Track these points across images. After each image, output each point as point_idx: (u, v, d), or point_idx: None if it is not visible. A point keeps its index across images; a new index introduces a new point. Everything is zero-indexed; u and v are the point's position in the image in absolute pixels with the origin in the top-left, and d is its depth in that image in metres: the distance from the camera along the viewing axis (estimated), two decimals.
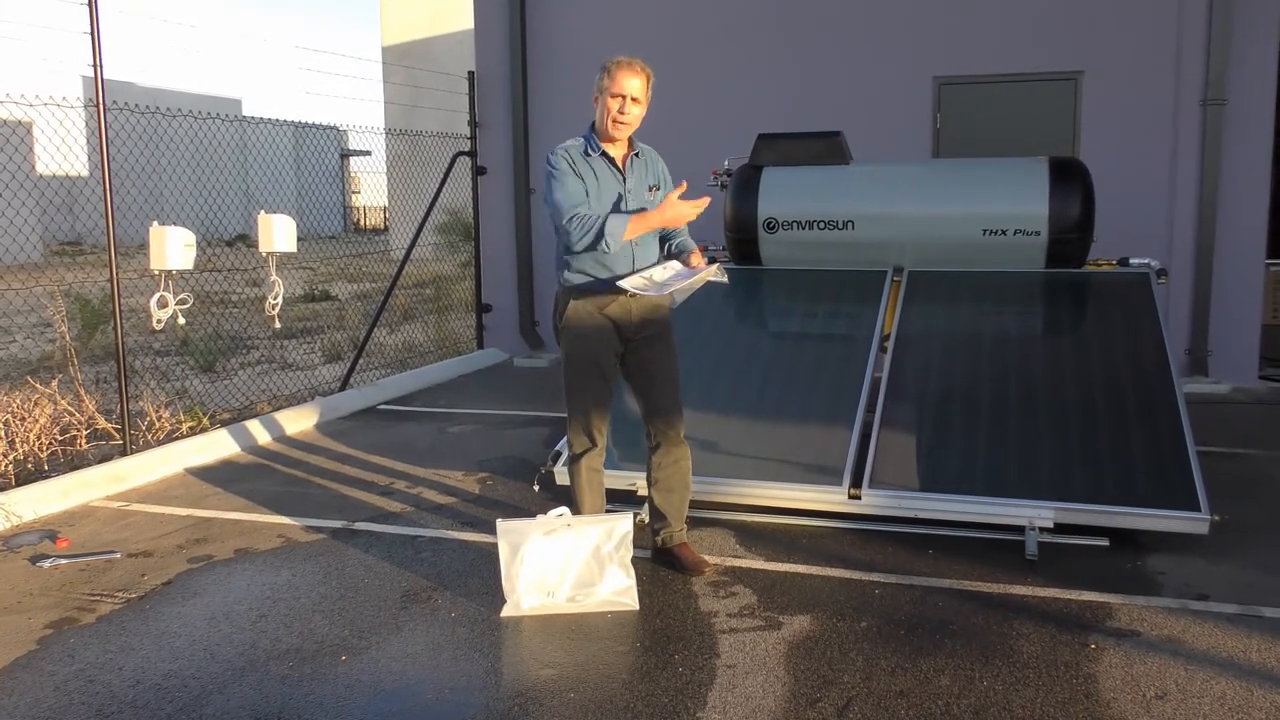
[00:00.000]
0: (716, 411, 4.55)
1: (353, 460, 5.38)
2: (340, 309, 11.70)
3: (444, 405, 6.79)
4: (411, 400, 6.96)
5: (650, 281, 3.35)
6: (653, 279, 3.37)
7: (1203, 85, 6.82)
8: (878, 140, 7.31)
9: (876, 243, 5.33)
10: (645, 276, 3.37)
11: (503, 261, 8.64)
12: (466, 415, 6.45)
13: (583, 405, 3.52)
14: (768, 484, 4.09)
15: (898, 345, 4.80)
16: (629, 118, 3.34)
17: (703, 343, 5.04)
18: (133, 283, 11.87)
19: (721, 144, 7.37)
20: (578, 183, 3.35)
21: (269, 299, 5.57)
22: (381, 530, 4.21)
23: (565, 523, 3.35)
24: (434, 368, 7.91)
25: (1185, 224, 6.97)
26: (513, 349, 8.64)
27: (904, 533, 4.04)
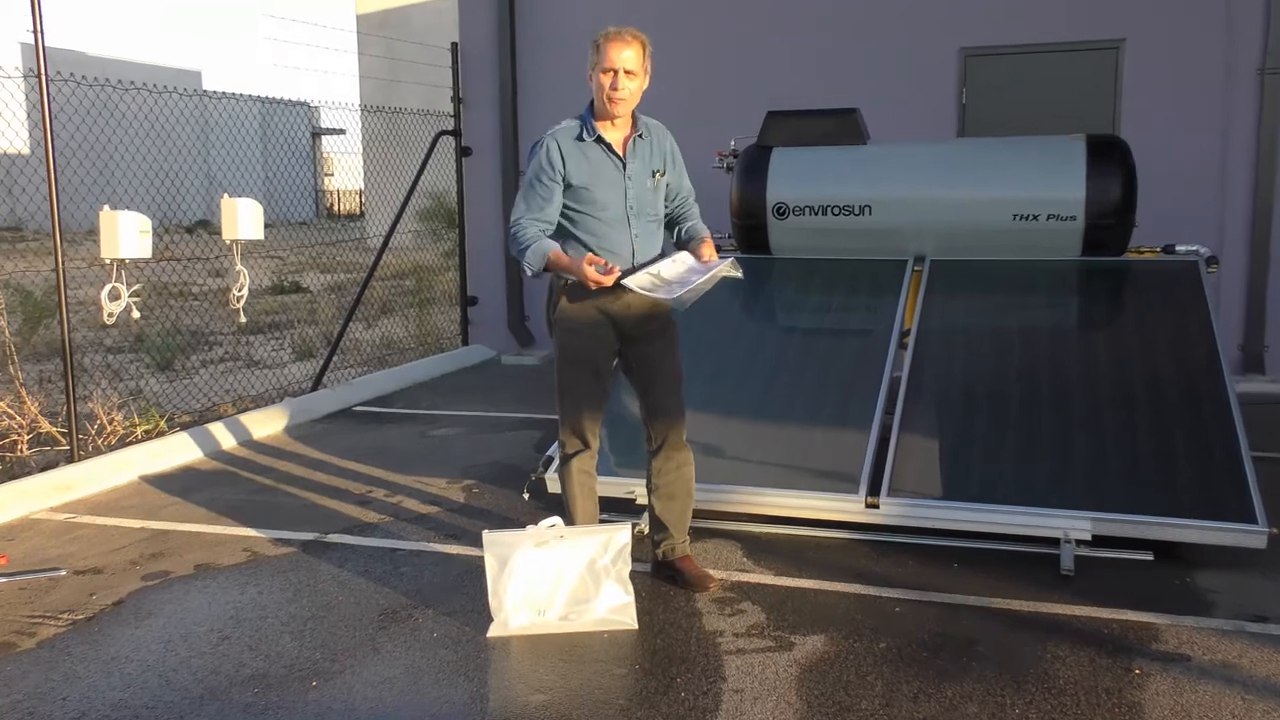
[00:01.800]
0: (722, 413, 4.55)
1: (325, 466, 5.39)
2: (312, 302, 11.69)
3: (426, 407, 6.80)
4: (390, 401, 6.98)
5: (659, 280, 3.34)
6: (661, 276, 3.36)
7: (1260, 52, 6.81)
8: (898, 118, 7.31)
9: (896, 229, 5.34)
10: (652, 274, 3.37)
11: (490, 251, 8.65)
12: (450, 418, 6.46)
13: (575, 404, 3.52)
14: (777, 492, 4.10)
15: (919, 341, 4.80)
16: (624, 93, 3.34)
17: (707, 338, 5.04)
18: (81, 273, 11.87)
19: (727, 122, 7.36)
20: (545, 189, 3.37)
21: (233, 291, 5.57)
22: (357, 543, 4.22)
23: (557, 534, 3.35)
24: (415, 366, 7.92)
25: (1239, 207, 6.96)
26: (501, 346, 8.66)
27: (926, 545, 4.05)
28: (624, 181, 3.43)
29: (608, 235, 3.43)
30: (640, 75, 3.38)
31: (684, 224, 3.63)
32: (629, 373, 3.64)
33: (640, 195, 3.46)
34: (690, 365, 4.68)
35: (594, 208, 3.41)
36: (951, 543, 4.05)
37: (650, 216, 3.50)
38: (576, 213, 3.43)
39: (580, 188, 3.40)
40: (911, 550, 4.01)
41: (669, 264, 3.41)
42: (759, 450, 4.32)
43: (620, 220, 3.43)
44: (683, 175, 3.63)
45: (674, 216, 3.66)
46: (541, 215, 3.41)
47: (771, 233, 5.54)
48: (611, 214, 3.42)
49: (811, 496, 4.06)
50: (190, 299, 11.37)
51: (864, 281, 5.27)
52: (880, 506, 3.97)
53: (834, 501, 4.03)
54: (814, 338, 4.93)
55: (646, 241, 3.49)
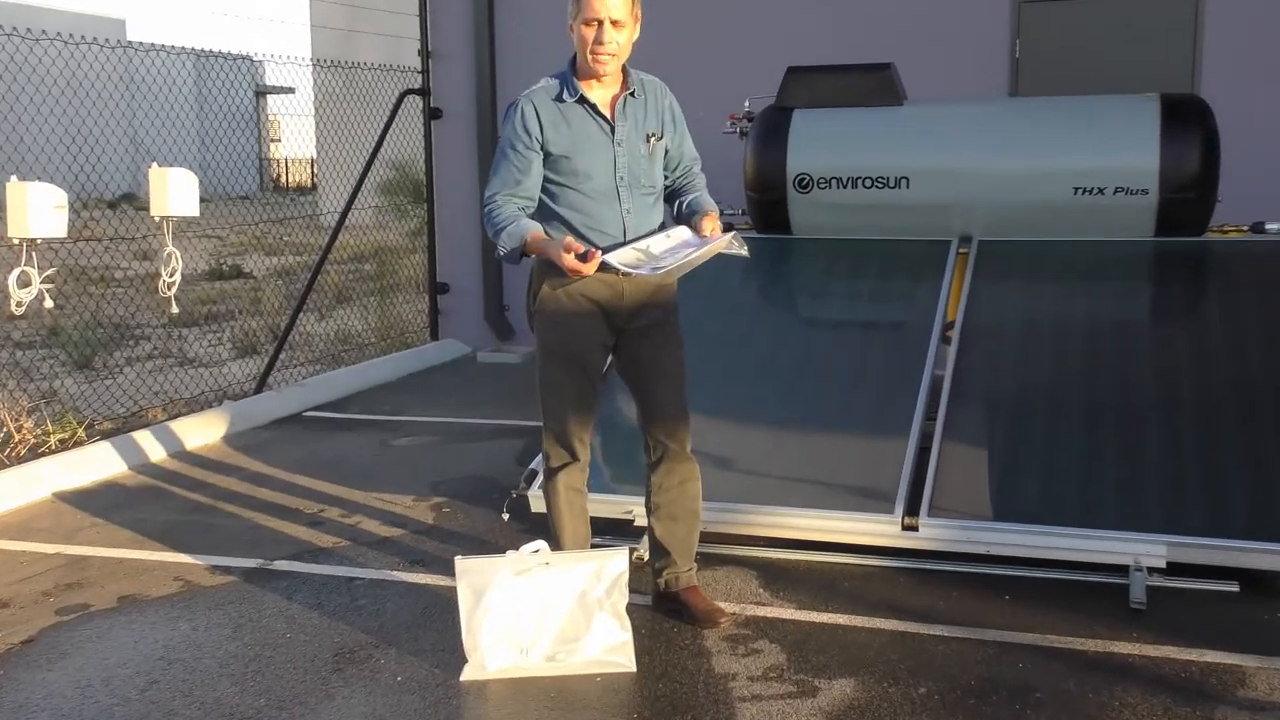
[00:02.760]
0: (734, 418, 4.54)
1: (271, 482, 5.39)
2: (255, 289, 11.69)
3: (388, 411, 6.79)
4: (347, 405, 6.98)
5: (646, 255, 3.34)
6: (649, 252, 3.36)
7: None
8: (940, 75, 7.30)
9: (938, 205, 5.34)
10: (640, 249, 3.37)
11: (463, 230, 8.65)
12: (417, 424, 6.45)
13: (561, 408, 3.52)
14: (799, 511, 4.09)
15: (964, 335, 4.80)
16: (611, 47, 3.33)
17: (716, 331, 5.04)
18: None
19: (741, 80, 7.36)
20: (521, 159, 3.37)
21: (164, 276, 5.57)
22: (308, 571, 4.21)
23: (542, 561, 3.35)
24: (376, 364, 7.92)
25: None
26: (476, 340, 8.66)
27: (973, 574, 4.04)
28: (612, 148, 3.42)
29: (595, 212, 3.42)
30: (629, 24, 3.37)
31: (686, 197, 3.62)
32: (624, 371, 3.63)
33: (633, 164, 3.45)
34: (696, 362, 4.67)
35: (577, 180, 3.40)
36: (1003, 570, 4.05)
37: (645, 189, 3.49)
38: (558, 186, 3.42)
39: (561, 157, 3.39)
40: (956, 579, 4.00)
41: (661, 239, 3.41)
42: (777, 463, 4.31)
43: (609, 194, 3.42)
44: (684, 139, 3.62)
45: (675, 188, 3.65)
46: (519, 190, 3.41)
47: (792, 209, 5.54)
48: (599, 186, 3.41)
49: (839, 516, 4.06)
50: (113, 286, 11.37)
51: (900, 266, 5.27)
52: (919, 528, 3.97)
53: (865, 522, 4.03)
54: (842, 331, 4.93)
55: (641, 218, 3.48)
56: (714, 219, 3.49)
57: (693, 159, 3.67)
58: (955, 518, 3.97)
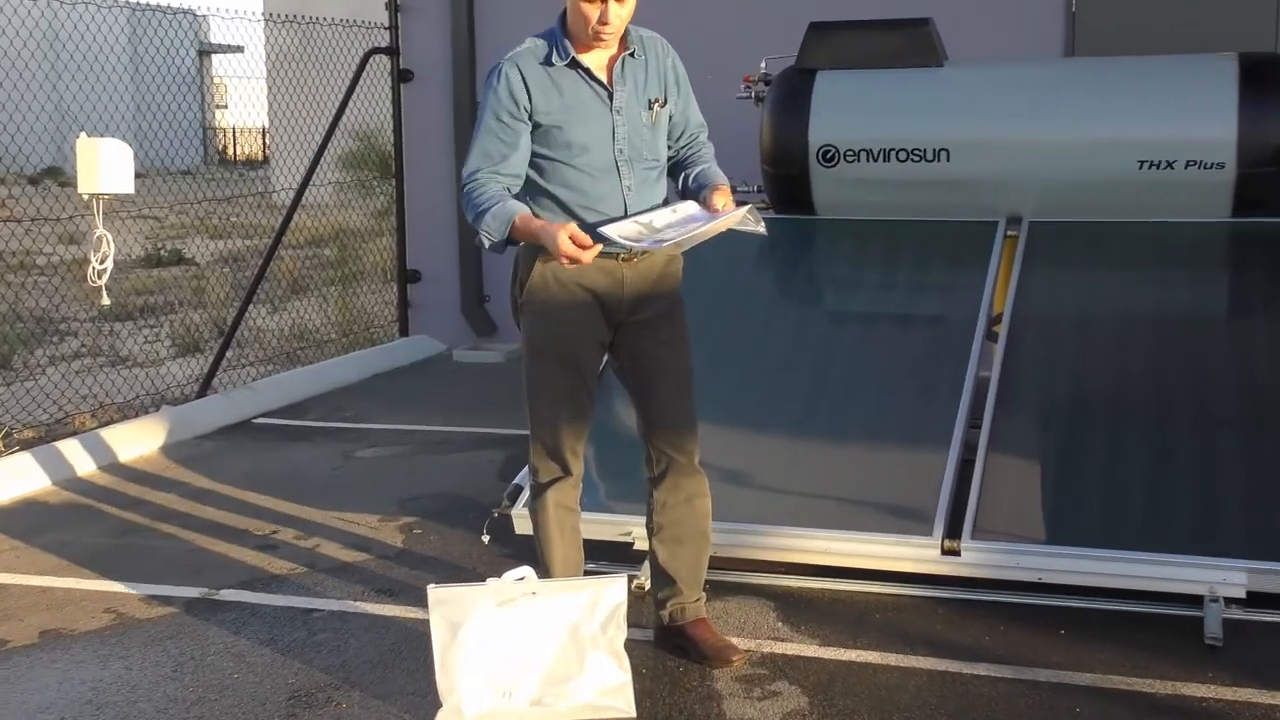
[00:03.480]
0: (748, 426, 4.53)
1: (217, 499, 5.39)
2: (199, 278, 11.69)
3: (351, 418, 6.79)
4: (304, 411, 6.97)
5: (647, 229, 3.34)
6: (650, 224, 3.36)
7: None
8: (985, 32, 7.29)
9: (982, 181, 5.33)
10: (641, 223, 3.37)
11: (437, 209, 8.63)
12: (384, 433, 6.45)
13: (550, 415, 3.52)
14: (824, 533, 4.08)
15: (1013, 331, 4.79)
16: (616, 23, 3.34)
17: (727, 326, 5.02)
18: None
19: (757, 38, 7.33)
20: (506, 131, 3.37)
21: (93, 263, 5.57)
22: (259, 601, 4.20)
23: (528, 590, 3.34)
24: (336, 363, 7.91)
25: None
26: (451, 336, 8.65)
27: (1024, 604, 4.03)
28: (610, 116, 3.42)
29: (591, 189, 3.42)
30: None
31: (692, 169, 3.62)
32: (622, 371, 3.63)
33: (634, 134, 3.45)
34: (705, 361, 4.64)
35: (571, 153, 3.40)
36: (1058, 601, 4.03)
37: (648, 162, 3.50)
38: (548, 161, 3.42)
39: (551, 127, 3.39)
40: (1004, 611, 3.99)
41: (665, 213, 3.40)
42: (798, 477, 4.29)
43: (607, 168, 3.43)
44: (689, 104, 3.63)
45: (680, 160, 3.65)
46: (504, 167, 3.41)
47: (816, 185, 5.52)
48: (595, 161, 3.41)
49: (869, 539, 4.04)
50: (35, 273, 11.36)
51: (939, 251, 5.24)
52: (962, 552, 3.97)
53: (900, 546, 4.02)
54: (872, 326, 4.91)
55: (643, 194, 3.48)
56: (725, 193, 3.48)
57: (699, 126, 3.67)
58: (1003, 540, 3.95)
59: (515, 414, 6.34)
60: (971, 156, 5.31)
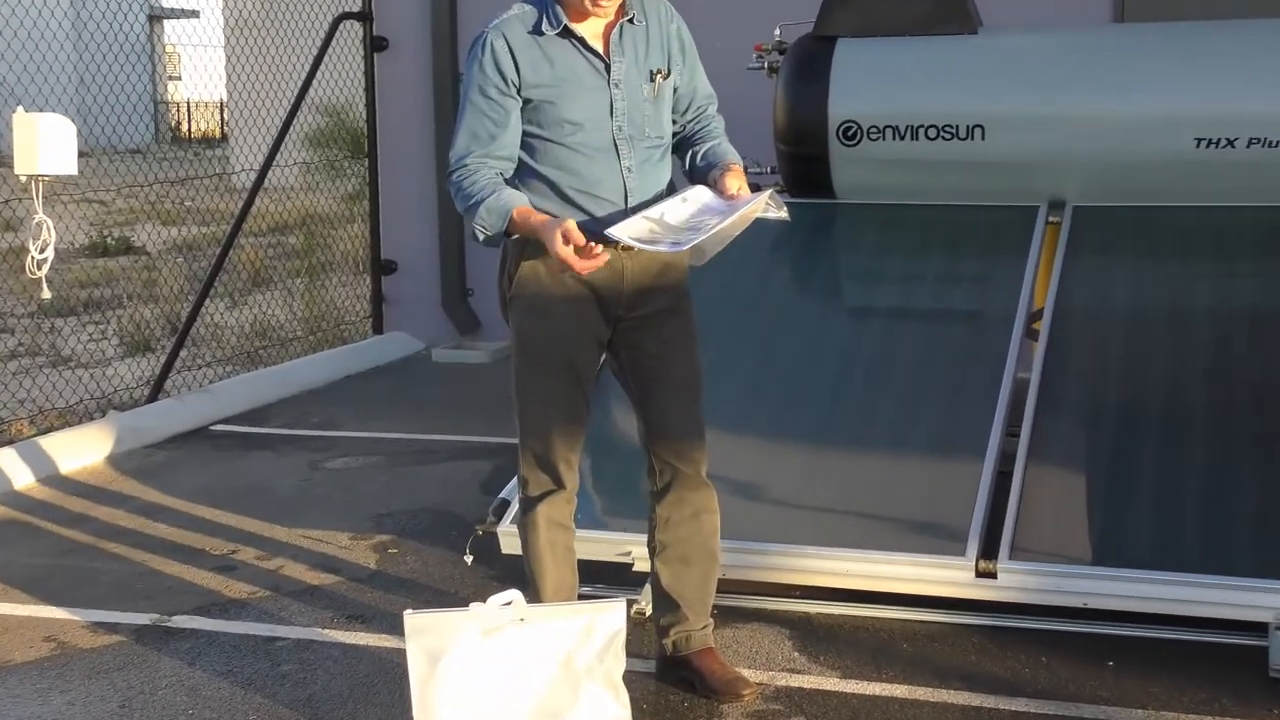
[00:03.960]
0: (761, 434, 4.53)
1: (169, 515, 5.38)
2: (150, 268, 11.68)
3: (319, 425, 6.78)
4: (266, 417, 6.96)
5: (659, 226, 3.33)
6: (663, 220, 3.35)
7: None
8: None
9: (1021, 161, 5.33)
10: (651, 219, 3.35)
11: (415, 192, 8.63)
12: (356, 441, 6.45)
13: (542, 422, 3.52)
14: (844, 552, 4.08)
15: (1057, 328, 4.79)
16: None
17: (738, 322, 5.02)
18: None
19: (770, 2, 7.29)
20: (495, 108, 3.37)
21: (32, 252, 5.55)
22: (216, 629, 4.20)
23: (516, 616, 3.33)
24: (303, 364, 7.91)
25: None
26: (431, 333, 8.65)
27: (1068, 632, 4.04)
28: (608, 90, 3.42)
29: (587, 171, 3.42)
30: None
31: (700, 146, 3.63)
32: (622, 373, 3.63)
33: (634, 109, 3.45)
34: (714, 363, 4.60)
35: (564, 131, 3.40)
36: (1106, 629, 4.03)
37: (651, 140, 3.50)
38: (539, 140, 3.43)
39: (542, 103, 3.39)
40: (1045, 640, 3.98)
41: (675, 204, 3.40)
42: (816, 491, 4.29)
43: (605, 148, 3.43)
44: (696, 73, 3.64)
45: (686, 136, 3.65)
46: (495, 149, 3.41)
47: (836, 166, 5.51)
48: (592, 140, 3.42)
49: (895, 559, 4.04)
50: None
51: (973, 239, 5.24)
52: (998, 574, 3.95)
53: (929, 567, 4.02)
54: (898, 323, 4.91)
55: (647, 177, 3.48)
56: (739, 174, 3.49)
57: (707, 98, 3.68)
58: (1044, 561, 3.94)
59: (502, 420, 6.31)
60: (1009, 133, 5.30)
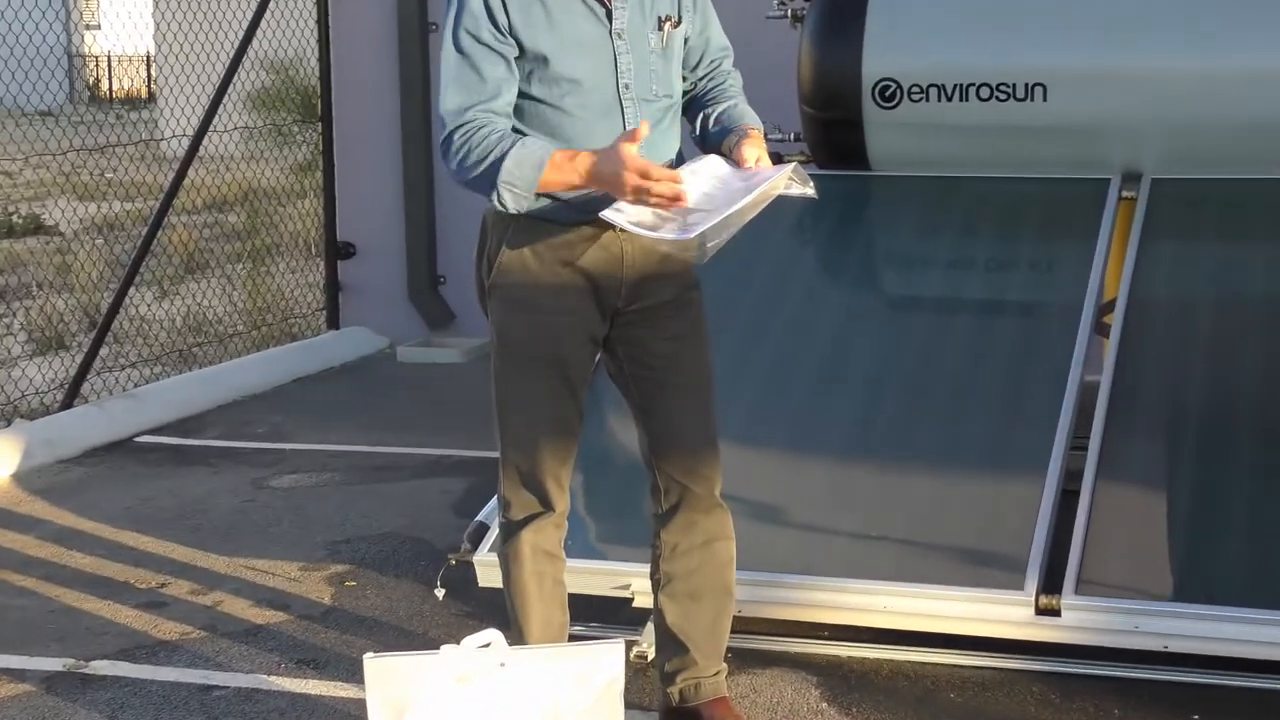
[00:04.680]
0: (783, 448, 4.55)
1: (87, 541, 5.39)
2: (63, 251, 11.67)
3: (264, 436, 6.80)
4: (201, 427, 6.98)
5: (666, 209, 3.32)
6: None
7: None
8: None
9: (1089, 126, 5.34)
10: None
11: (377, 163, 8.64)
12: (307, 455, 6.46)
13: (527, 433, 3.52)
14: (882, 586, 4.08)
15: (1130, 323, 4.79)
16: None
17: (757, 317, 5.04)
18: None
19: None
20: (492, 57, 3.37)
21: None
22: (143, 675, 4.22)
23: (495, 661, 3.30)
24: (245, 364, 7.93)
25: None
26: (396, 328, 8.68)
27: (1144, 680, 4.04)
28: (610, 43, 3.44)
29: (586, 137, 3.41)
30: None
31: (714, 107, 3.63)
32: (622, 376, 3.63)
33: (641, 64, 3.46)
34: (728, 364, 4.62)
35: (558, 91, 3.41)
36: (1189, 676, 4.02)
37: (659, 99, 3.51)
38: (531, 101, 3.44)
39: (535, 58, 3.40)
40: (1117, 689, 3.99)
41: (686, 178, 3.37)
42: (848, 515, 4.30)
43: (607, 109, 3.44)
44: (710, 22, 3.66)
45: (697, 96, 3.67)
46: (496, 104, 3.38)
47: (871, 132, 5.51)
48: (592, 100, 3.43)
49: (942, 594, 4.03)
50: None
51: (1033, 218, 5.26)
52: (1063, 612, 3.94)
53: (982, 603, 4.01)
54: (944, 318, 4.93)
55: (654, 144, 3.46)
56: (759, 140, 3.47)
57: (722, 51, 3.69)
58: (1116, 596, 3.93)
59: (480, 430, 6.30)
60: (1075, 93, 5.29)
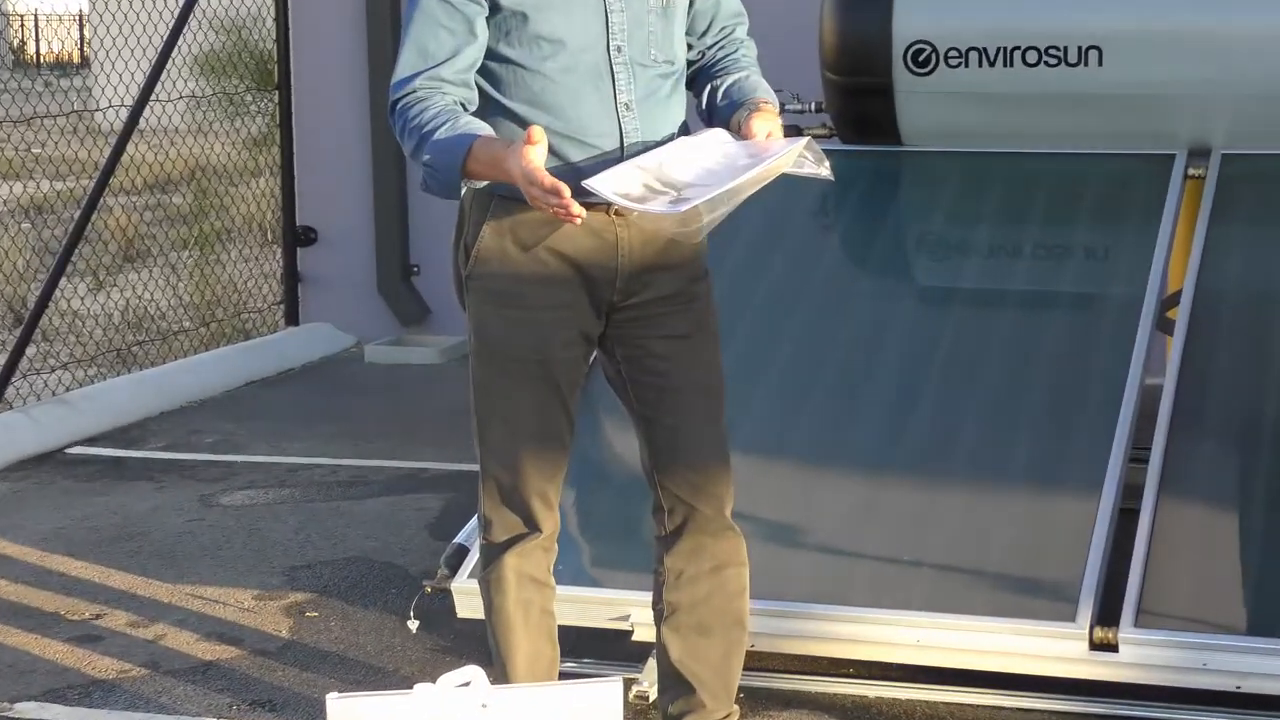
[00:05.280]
0: (802, 461, 4.57)
1: (11, 567, 5.42)
2: None
3: (213, 447, 6.83)
4: (143, 436, 7.01)
5: (657, 179, 3.32)
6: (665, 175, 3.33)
7: None
8: None
9: (1151, 94, 5.35)
10: (647, 167, 3.34)
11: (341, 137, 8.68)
12: (263, 469, 6.48)
13: (512, 446, 3.52)
14: (914, 617, 4.08)
15: (1198, 318, 4.79)
16: None
17: (771, 314, 5.04)
18: None
19: None
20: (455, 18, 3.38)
21: None
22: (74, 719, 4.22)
23: (476, 702, 3.27)
24: (192, 365, 7.97)
25: None
26: (363, 325, 8.72)
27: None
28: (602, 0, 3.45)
29: (572, 106, 3.42)
30: None
31: (723, 79, 3.63)
32: (620, 380, 3.63)
33: (636, 23, 3.45)
34: (739, 367, 4.60)
35: (540, 54, 3.40)
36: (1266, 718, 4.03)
37: (658, 66, 3.50)
38: (506, 65, 3.44)
39: (512, 13, 3.40)
40: None
41: (682, 150, 3.39)
42: (876, 537, 4.31)
43: (596, 75, 3.43)
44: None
45: (705, 66, 3.67)
46: (449, 71, 3.40)
47: (903, 102, 5.53)
48: (578, 63, 3.42)
49: (983, 626, 4.03)
50: None
51: (1087, 200, 5.28)
52: (1120, 646, 3.92)
53: (1028, 637, 4.00)
54: (985, 312, 4.96)
55: (652, 115, 3.48)
56: (771, 115, 3.45)
57: (733, 16, 3.68)
58: (1181, 630, 3.93)
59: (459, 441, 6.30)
60: (1136, 56, 5.30)
